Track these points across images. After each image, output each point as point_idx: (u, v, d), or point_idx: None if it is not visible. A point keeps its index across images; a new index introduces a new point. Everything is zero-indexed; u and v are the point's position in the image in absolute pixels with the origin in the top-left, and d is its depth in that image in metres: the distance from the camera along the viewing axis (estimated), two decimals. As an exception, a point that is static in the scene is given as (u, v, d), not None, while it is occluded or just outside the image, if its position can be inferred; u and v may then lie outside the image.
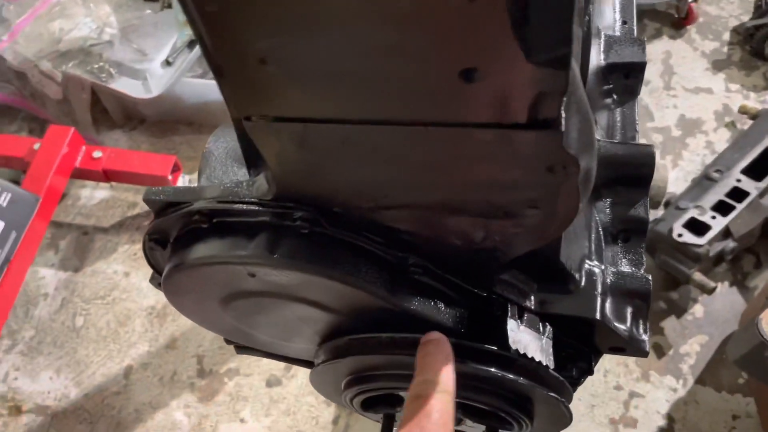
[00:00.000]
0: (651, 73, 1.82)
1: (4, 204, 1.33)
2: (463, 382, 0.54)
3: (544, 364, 0.53)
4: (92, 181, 1.69)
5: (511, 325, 0.53)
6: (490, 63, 0.33)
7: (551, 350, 0.55)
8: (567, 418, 0.58)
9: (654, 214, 1.62)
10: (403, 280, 0.51)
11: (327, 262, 0.48)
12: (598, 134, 0.67)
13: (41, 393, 1.51)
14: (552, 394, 0.54)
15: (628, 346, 0.59)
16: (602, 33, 0.72)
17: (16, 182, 1.50)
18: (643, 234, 0.63)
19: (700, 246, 1.43)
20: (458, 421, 0.62)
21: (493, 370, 0.52)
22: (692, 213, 1.47)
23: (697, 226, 1.45)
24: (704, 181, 1.55)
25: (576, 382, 0.61)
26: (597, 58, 0.71)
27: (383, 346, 0.54)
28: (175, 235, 0.53)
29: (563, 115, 0.36)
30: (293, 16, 0.32)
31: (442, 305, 0.53)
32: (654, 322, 1.52)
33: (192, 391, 1.49)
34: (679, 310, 1.54)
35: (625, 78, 0.71)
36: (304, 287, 0.51)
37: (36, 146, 1.52)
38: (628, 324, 0.59)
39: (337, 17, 0.32)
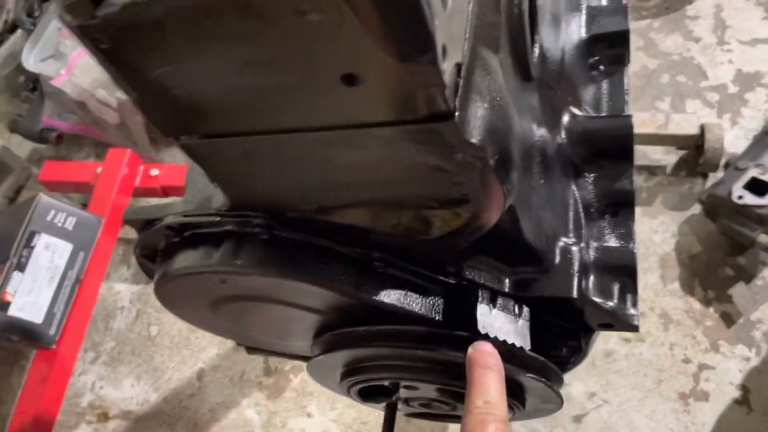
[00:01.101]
0: (702, 29, 1.73)
1: (71, 227, 1.43)
2: (442, 368, 0.56)
3: (518, 345, 0.53)
4: (154, 198, 1.78)
5: (482, 309, 0.53)
6: (365, 67, 0.34)
7: (528, 332, 0.55)
8: (555, 398, 0.58)
9: (714, 178, 1.55)
10: (370, 274, 0.52)
11: (288, 264, 0.50)
12: (581, 110, 0.66)
13: (125, 399, 1.62)
14: (530, 374, 0.54)
15: (615, 322, 0.58)
16: (583, 6, 0.70)
17: (86, 206, 1.61)
18: (631, 207, 0.62)
19: (762, 207, 1.36)
20: (454, 407, 0.63)
21: (462, 355, 0.52)
22: (752, 173, 1.40)
23: (758, 186, 1.37)
24: (765, 137, 1.47)
25: (567, 362, 0.60)
26: (578, 32, 0.69)
27: (362, 339, 0.56)
28: (161, 249, 0.57)
29: (456, 106, 0.37)
30: (177, 45, 0.35)
31: (413, 295, 0.54)
32: (722, 289, 1.46)
33: (260, 390, 1.56)
34: (747, 275, 1.47)
35: (610, 48, 0.70)
36: (276, 290, 0.54)
37: (98, 170, 1.63)
38: (616, 299, 0.58)
39: (212, 41, 0.34)
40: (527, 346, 0.54)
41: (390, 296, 0.53)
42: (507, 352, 0.53)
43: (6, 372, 1.70)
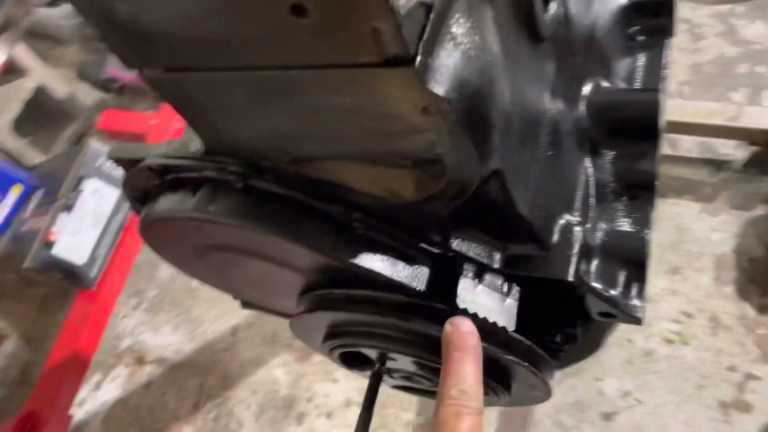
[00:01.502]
0: (791, 17, 1.60)
1: (120, 174, 1.47)
2: (418, 340, 0.53)
3: (501, 325, 0.50)
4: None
5: (465, 284, 0.50)
6: None
7: (515, 312, 0.51)
8: (542, 384, 0.54)
9: (786, 178, 1.45)
10: (348, 235, 0.50)
11: (262, 216, 0.48)
12: (610, 82, 0.61)
13: (161, 346, 1.66)
14: (510, 356, 0.51)
15: (618, 312, 0.54)
16: (625, -31, 0.64)
17: (140, 155, 1.65)
18: (652, 191, 0.57)
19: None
20: (435, 383, 0.60)
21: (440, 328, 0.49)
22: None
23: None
24: None
25: (559, 349, 0.56)
26: (617, -2, 0.64)
27: (337, 302, 0.53)
28: (148, 191, 0.56)
29: (418, 51, 0.33)
30: None
31: (393, 261, 0.50)
32: (780, 297, 1.36)
33: (290, 351, 1.57)
34: (810, 284, 1.36)
35: (653, 17, 0.64)
36: (251, 242, 0.52)
37: (153, 122, 1.66)
38: (620, 288, 0.54)
39: None
40: (511, 327, 0.50)
41: (368, 260, 0.50)
42: (488, 330, 0.50)
43: (55, 309, 1.78)
